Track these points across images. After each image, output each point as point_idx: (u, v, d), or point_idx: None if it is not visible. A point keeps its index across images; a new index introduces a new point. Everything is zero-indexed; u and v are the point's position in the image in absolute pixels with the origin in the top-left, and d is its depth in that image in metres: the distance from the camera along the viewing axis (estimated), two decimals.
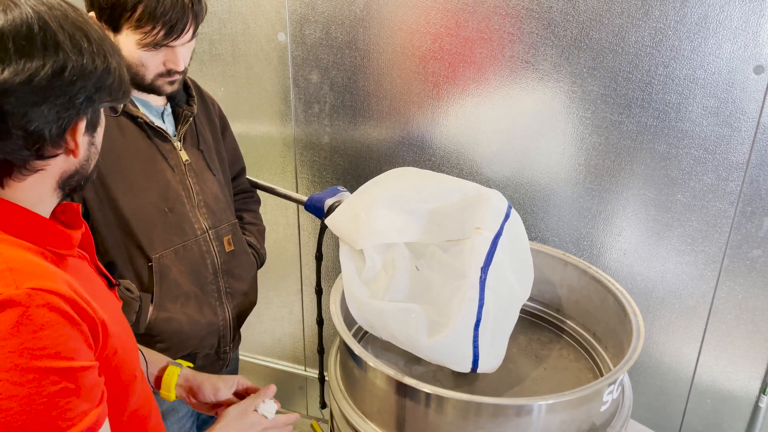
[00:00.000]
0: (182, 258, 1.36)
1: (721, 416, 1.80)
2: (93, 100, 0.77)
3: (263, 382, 2.43)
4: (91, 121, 0.79)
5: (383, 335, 1.33)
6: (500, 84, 1.66)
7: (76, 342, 0.72)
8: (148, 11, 1.17)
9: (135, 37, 1.20)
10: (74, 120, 0.76)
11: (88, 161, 0.82)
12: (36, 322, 0.68)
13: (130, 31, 1.19)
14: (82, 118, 0.77)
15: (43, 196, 0.79)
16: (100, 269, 0.95)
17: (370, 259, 1.34)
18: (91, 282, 0.86)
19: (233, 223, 1.50)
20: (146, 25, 1.18)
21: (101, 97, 0.79)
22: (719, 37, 1.44)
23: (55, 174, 0.79)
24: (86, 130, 0.79)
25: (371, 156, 1.89)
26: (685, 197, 1.60)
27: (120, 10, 1.18)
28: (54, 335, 0.69)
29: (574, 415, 1.16)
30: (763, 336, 1.67)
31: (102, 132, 0.84)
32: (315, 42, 1.80)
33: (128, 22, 1.19)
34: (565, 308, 1.59)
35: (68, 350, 0.71)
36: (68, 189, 0.83)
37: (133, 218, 1.29)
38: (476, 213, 1.31)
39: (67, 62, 0.73)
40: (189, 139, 1.43)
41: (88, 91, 0.76)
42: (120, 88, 0.82)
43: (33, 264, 0.73)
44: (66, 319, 0.71)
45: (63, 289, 0.72)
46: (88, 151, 0.81)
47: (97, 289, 0.87)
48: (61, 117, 0.74)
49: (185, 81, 1.42)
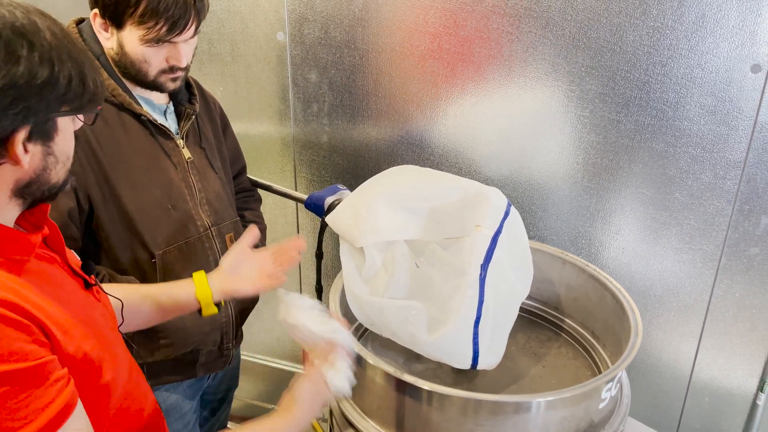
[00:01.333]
0: (185, 255, 1.37)
1: (719, 414, 1.81)
2: (36, 111, 0.74)
3: (263, 381, 2.43)
4: (39, 131, 0.76)
5: (384, 332, 1.33)
6: (499, 83, 1.67)
7: (20, 343, 0.71)
8: (151, 7, 1.18)
9: (138, 33, 1.21)
10: (9, 130, 0.72)
11: (46, 171, 0.79)
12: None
13: (134, 26, 1.20)
14: (20, 129, 0.73)
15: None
16: (75, 270, 0.93)
17: (371, 257, 1.34)
18: (55, 284, 0.85)
19: (235, 221, 1.51)
20: (149, 21, 1.19)
21: (50, 107, 0.76)
22: (716, 36, 1.44)
23: (4, 182, 0.76)
24: (33, 140, 0.76)
25: (370, 155, 1.89)
26: (683, 196, 1.60)
27: (123, 6, 1.19)
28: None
29: (573, 413, 1.17)
30: (760, 334, 1.67)
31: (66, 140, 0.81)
32: (314, 41, 1.81)
33: (131, 17, 1.19)
34: (564, 306, 1.60)
35: (11, 353, 0.70)
36: (29, 198, 0.80)
37: (136, 215, 1.30)
38: (476, 211, 1.31)
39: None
40: (191, 136, 1.43)
41: (26, 101, 0.73)
42: (80, 96, 0.79)
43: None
44: (4, 323, 0.70)
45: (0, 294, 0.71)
46: (43, 161, 0.78)
47: (64, 291, 0.86)
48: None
49: (187, 80, 1.43)
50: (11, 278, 0.76)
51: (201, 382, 1.54)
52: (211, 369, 1.50)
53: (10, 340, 0.70)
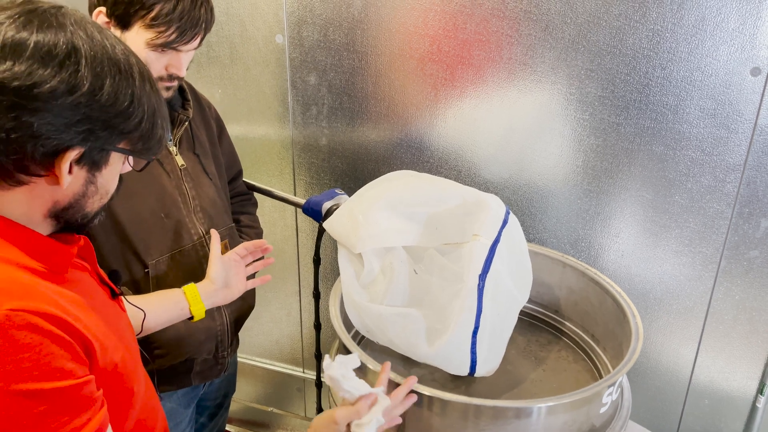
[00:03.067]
0: (179, 263, 1.36)
1: (719, 417, 1.81)
2: (98, 137, 0.74)
3: (261, 384, 2.43)
4: (90, 157, 0.76)
5: (381, 340, 1.33)
6: (498, 86, 1.66)
7: (62, 360, 0.70)
8: (164, 11, 1.18)
9: (146, 36, 1.20)
10: (64, 146, 0.72)
11: (84, 198, 0.79)
12: (16, 345, 0.66)
13: (143, 29, 1.20)
14: (74, 149, 0.73)
15: (32, 218, 0.77)
16: (103, 279, 0.93)
17: (369, 263, 1.34)
18: (90, 294, 0.84)
19: (230, 227, 1.50)
20: (161, 26, 1.19)
21: (111, 138, 0.76)
22: (716, 39, 1.44)
23: (44, 199, 0.76)
24: (81, 164, 0.76)
25: (369, 158, 1.89)
26: (683, 199, 1.60)
27: (136, 7, 1.18)
28: (36, 357, 0.67)
29: (575, 417, 1.16)
30: (760, 336, 1.67)
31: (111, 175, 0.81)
32: (313, 44, 1.80)
33: (142, 19, 1.19)
34: (564, 310, 1.60)
35: (52, 371, 0.69)
36: (63, 222, 0.80)
37: (129, 224, 1.29)
38: (474, 219, 1.31)
39: (82, 84, 0.71)
40: (185, 143, 1.42)
41: (93, 123, 0.73)
42: (144, 140, 0.80)
43: (15, 282, 0.71)
44: (50, 339, 0.69)
45: (45, 308, 0.70)
46: (84, 187, 0.78)
47: (97, 301, 0.86)
48: (50, 137, 0.71)
49: (180, 85, 1.42)
50: (53, 289, 0.75)
51: (197, 390, 1.53)
52: (207, 377, 1.49)
53: (53, 357, 0.69)
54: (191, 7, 1.21)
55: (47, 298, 0.72)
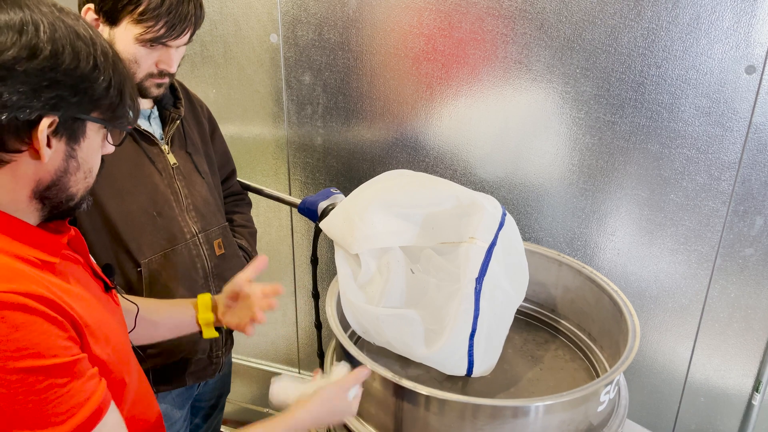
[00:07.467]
0: (172, 262, 1.35)
1: (715, 414, 1.81)
2: (68, 103, 0.74)
3: (256, 385, 2.42)
4: (67, 128, 0.76)
5: (378, 341, 1.32)
6: (493, 85, 1.66)
7: (57, 338, 0.72)
8: (152, 6, 1.17)
9: (135, 31, 1.19)
10: (36, 114, 0.72)
11: (67, 174, 0.79)
12: (10, 325, 0.68)
13: (131, 24, 1.19)
14: (48, 116, 0.73)
15: (17, 202, 0.77)
16: (96, 272, 0.93)
17: (365, 264, 1.33)
18: (82, 286, 0.85)
19: (223, 226, 1.49)
20: (149, 21, 1.18)
21: (82, 106, 0.76)
22: (711, 37, 1.45)
23: (27, 178, 0.76)
24: (59, 136, 0.75)
25: (364, 157, 1.88)
26: (678, 197, 1.60)
27: (124, 2, 1.18)
28: (30, 335, 0.69)
29: (572, 416, 1.16)
30: (755, 334, 1.68)
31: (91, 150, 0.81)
32: (307, 43, 1.80)
33: (130, 15, 1.18)
34: (560, 308, 1.60)
35: (49, 348, 0.71)
36: (48, 204, 0.80)
37: (120, 223, 1.28)
38: (470, 221, 1.30)
39: (42, 48, 0.71)
40: (177, 141, 1.41)
41: (61, 89, 0.73)
42: (114, 108, 0.79)
43: (5, 267, 0.72)
44: (42, 318, 0.71)
45: (35, 289, 0.71)
46: (65, 162, 0.78)
47: (90, 292, 0.86)
48: (21, 106, 0.71)
49: (172, 83, 1.42)
50: (44, 276, 0.76)
51: (191, 391, 1.52)
52: (201, 377, 1.49)
53: (48, 335, 0.71)
54: (179, 2, 1.20)
55: (36, 281, 0.73)
